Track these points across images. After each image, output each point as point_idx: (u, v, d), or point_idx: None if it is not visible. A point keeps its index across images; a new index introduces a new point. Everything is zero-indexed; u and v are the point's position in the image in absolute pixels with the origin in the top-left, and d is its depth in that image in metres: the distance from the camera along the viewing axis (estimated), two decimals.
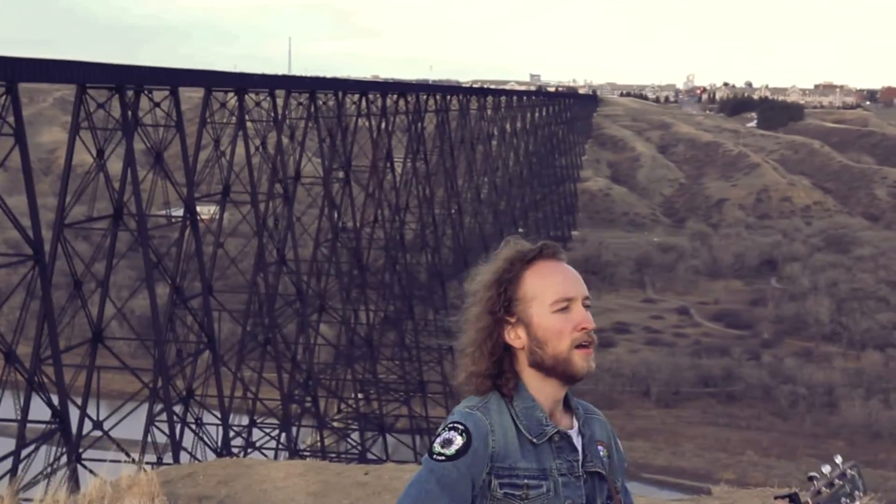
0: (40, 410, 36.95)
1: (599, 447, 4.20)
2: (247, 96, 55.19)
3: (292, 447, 57.73)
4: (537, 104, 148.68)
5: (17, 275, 53.24)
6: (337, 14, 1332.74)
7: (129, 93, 43.32)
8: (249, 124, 57.04)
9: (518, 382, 4.09)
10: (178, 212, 53.12)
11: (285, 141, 61.20)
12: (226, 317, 60.68)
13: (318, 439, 61.94)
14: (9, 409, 36.36)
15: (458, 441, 3.91)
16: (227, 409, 51.52)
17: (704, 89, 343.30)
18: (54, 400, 36.65)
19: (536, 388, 4.08)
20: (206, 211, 65.05)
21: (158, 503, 11.54)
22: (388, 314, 72.83)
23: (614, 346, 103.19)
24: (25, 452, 35.73)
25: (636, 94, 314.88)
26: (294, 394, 59.46)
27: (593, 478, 4.12)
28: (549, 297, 4.03)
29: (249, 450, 54.97)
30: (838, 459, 4.25)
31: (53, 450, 37.73)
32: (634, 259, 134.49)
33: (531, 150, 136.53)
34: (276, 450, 56.65)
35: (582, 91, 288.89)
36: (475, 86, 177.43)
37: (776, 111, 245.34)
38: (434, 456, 3.92)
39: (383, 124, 74.31)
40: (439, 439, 3.95)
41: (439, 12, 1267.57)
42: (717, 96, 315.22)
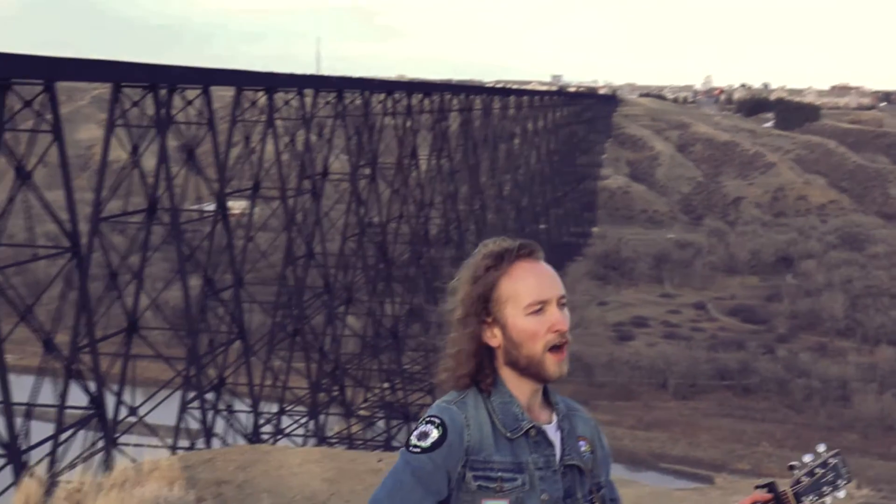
0: (78, 397, 37.83)
1: (581, 442, 4.23)
2: (276, 95, 55.68)
3: (320, 434, 58.38)
4: (558, 104, 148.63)
5: (55, 266, 54.19)
6: (363, 15, 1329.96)
7: (163, 91, 43.97)
8: (279, 122, 57.72)
9: (496, 378, 4.13)
10: (210, 206, 54.43)
11: (313, 138, 61.86)
12: (256, 308, 61.84)
13: (346, 427, 62.64)
14: (48, 395, 36.93)
15: (433, 434, 3.95)
16: (256, 397, 52.18)
17: (722, 90, 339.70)
18: (91, 387, 37.67)
19: (513, 384, 4.13)
20: (236, 206, 66.26)
21: (177, 487, 11.81)
22: (413, 306, 73.32)
23: (633, 339, 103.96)
24: (64, 437, 36.58)
25: (655, 94, 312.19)
26: (322, 383, 60.08)
27: (573, 471, 4.16)
28: (523, 300, 4.06)
29: (278, 436, 55.58)
30: (821, 448, 4.27)
31: (90, 434, 38.66)
32: (653, 255, 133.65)
33: (552, 149, 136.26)
34: (305, 437, 57.31)
35: (602, 91, 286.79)
36: (498, 86, 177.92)
37: (792, 112, 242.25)
38: (410, 448, 3.97)
39: (408, 123, 74.86)
40: (416, 432, 4.00)
41: (464, 14, 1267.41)
42: (735, 97, 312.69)
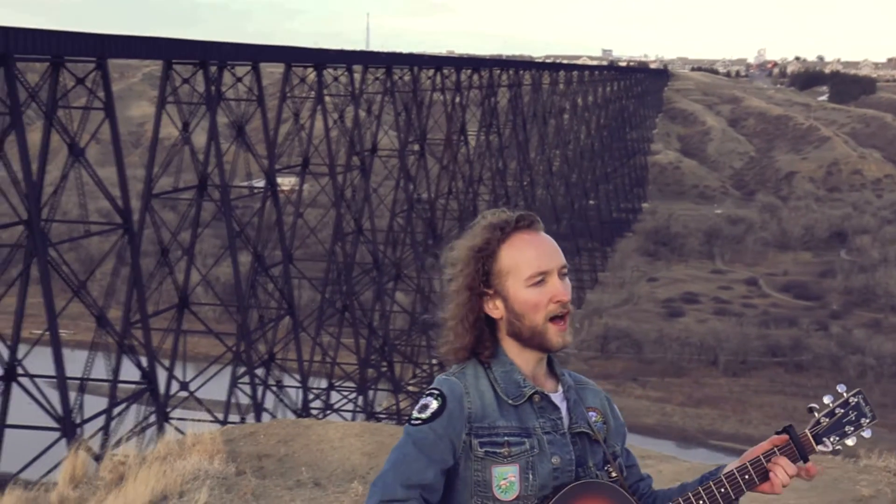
0: (130, 371, 38.79)
1: (591, 413, 4.20)
2: (325, 71, 55.85)
3: (368, 410, 58.80)
4: (609, 79, 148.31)
5: (108, 242, 54.92)
6: None
7: (213, 68, 44.30)
8: (328, 99, 58.07)
9: (496, 349, 4.12)
10: (260, 183, 54.87)
11: (362, 115, 62.07)
12: (305, 284, 62.32)
13: (394, 402, 63.06)
14: (101, 369, 37.61)
15: (433, 405, 3.95)
16: (306, 373, 52.76)
17: (775, 63, 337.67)
18: (143, 362, 38.30)
19: (516, 354, 4.12)
20: (286, 182, 66.55)
21: (218, 460, 11.84)
22: None
23: (683, 315, 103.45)
24: (117, 411, 37.35)
25: (707, 68, 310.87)
26: (370, 359, 60.32)
27: (583, 439, 4.12)
28: (524, 272, 4.04)
29: (327, 412, 55.96)
30: (841, 388, 4.23)
31: (143, 409, 39.44)
32: (703, 231, 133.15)
33: (602, 124, 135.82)
34: (353, 412, 57.87)
35: (653, 66, 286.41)
36: (547, 61, 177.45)
37: (847, 85, 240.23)
38: (412, 421, 3.97)
39: (457, 98, 74.97)
40: (417, 406, 4.02)
41: None
42: (788, 70, 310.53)
